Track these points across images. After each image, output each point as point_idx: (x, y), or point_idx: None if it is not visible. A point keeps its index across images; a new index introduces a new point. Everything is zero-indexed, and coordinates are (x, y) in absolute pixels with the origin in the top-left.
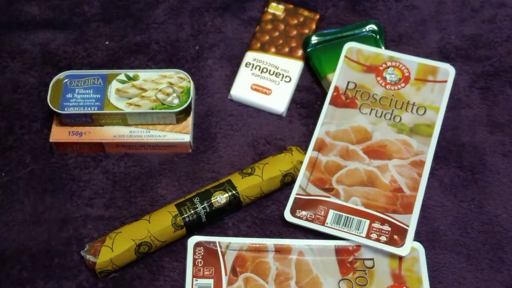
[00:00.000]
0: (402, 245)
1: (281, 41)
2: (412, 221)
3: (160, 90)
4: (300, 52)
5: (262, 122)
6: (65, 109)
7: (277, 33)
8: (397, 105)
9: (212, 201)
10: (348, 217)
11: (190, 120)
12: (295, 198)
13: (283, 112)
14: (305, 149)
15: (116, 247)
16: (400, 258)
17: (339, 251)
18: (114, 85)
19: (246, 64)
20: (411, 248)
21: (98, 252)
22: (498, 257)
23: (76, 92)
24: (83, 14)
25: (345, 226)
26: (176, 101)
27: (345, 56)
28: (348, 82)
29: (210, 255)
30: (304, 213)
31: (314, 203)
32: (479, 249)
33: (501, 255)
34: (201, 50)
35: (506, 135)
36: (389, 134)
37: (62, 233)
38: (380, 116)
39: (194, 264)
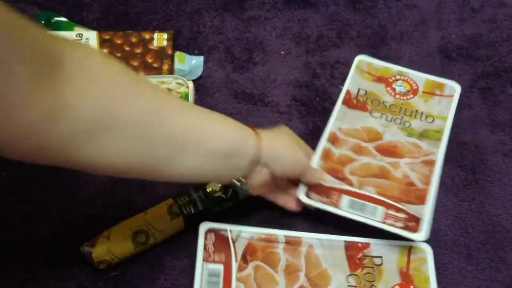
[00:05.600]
0: (419, 231)
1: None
2: (427, 210)
3: None
4: None
5: (262, 121)
6: None
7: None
8: (406, 112)
9: (207, 189)
10: (363, 203)
11: None
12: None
13: None
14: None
15: (113, 236)
16: (408, 257)
17: (348, 247)
18: None
19: None
20: (420, 249)
21: (95, 242)
22: (499, 257)
23: None
24: (82, 19)
25: (359, 211)
26: None
27: (356, 67)
28: (359, 89)
29: (221, 242)
30: (318, 197)
31: (328, 189)
32: (479, 249)
33: (501, 255)
34: (200, 50)
35: (507, 134)
36: (400, 136)
37: (63, 231)
38: (391, 121)
39: (205, 249)
